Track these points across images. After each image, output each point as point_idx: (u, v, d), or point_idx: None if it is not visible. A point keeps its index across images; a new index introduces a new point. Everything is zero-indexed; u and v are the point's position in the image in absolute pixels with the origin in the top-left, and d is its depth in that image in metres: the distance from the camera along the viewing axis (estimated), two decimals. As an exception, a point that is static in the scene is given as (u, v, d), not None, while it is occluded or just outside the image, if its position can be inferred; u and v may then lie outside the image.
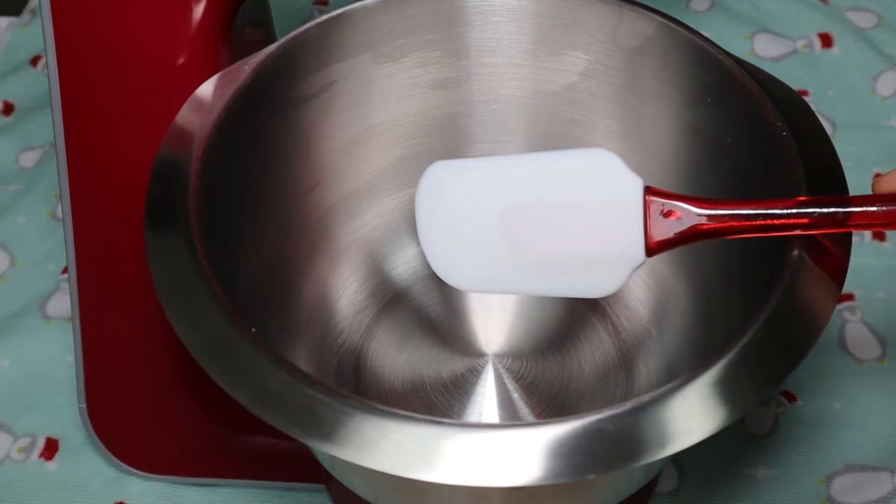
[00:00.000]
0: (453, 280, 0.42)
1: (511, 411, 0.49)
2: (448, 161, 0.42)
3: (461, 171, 0.41)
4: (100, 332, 0.51)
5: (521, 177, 0.40)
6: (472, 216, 0.41)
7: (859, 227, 0.37)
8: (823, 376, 0.57)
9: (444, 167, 0.41)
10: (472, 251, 0.41)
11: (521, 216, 0.40)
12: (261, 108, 0.46)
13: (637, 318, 0.51)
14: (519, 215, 0.40)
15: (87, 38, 0.46)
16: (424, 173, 0.41)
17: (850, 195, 0.39)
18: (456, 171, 0.41)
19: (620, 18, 0.47)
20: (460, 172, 0.41)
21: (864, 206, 0.37)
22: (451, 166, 0.41)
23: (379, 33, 0.48)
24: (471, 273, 0.42)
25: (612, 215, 0.39)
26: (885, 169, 0.66)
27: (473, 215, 0.41)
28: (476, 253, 0.41)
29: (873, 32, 0.74)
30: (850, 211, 0.37)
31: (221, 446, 0.54)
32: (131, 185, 0.47)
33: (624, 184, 0.38)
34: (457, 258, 0.42)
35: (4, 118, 0.72)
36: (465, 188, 0.41)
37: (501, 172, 0.41)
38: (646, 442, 0.34)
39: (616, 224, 0.39)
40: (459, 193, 0.41)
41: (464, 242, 0.41)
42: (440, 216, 0.41)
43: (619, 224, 0.39)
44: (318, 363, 0.49)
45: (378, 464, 0.34)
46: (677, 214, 0.38)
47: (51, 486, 0.55)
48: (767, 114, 0.43)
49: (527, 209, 0.40)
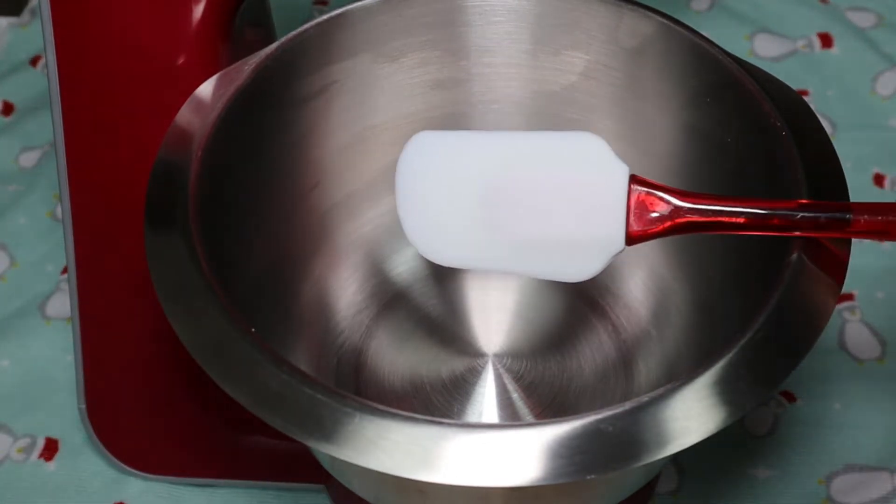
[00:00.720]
0: (430, 253, 0.41)
1: (511, 411, 0.49)
2: (433, 132, 0.41)
3: (446, 143, 0.41)
4: (100, 332, 0.51)
5: (506, 153, 0.40)
6: (454, 189, 0.40)
7: (859, 235, 0.37)
8: (823, 376, 0.57)
9: (429, 137, 0.41)
10: (452, 225, 0.40)
11: (504, 193, 0.39)
12: (261, 108, 0.46)
13: (637, 318, 0.51)
14: (501, 192, 0.39)
15: (86, 38, 0.46)
16: (408, 142, 0.41)
17: (850, 202, 0.39)
18: (441, 143, 0.40)
19: (620, 18, 0.47)
20: (445, 144, 0.40)
21: (865, 214, 0.37)
22: (436, 137, 0.41)
23: (379, 33, 0.48)
24: (449, 247, 0.41)
25: (595, 200, 0.38)
26: (886, 169, 0.66)
27: (456, 189, 0.40)
28: (456, 227, 0.40)
29: (873, 32, 0.74)
30: (849, 217, 0.37)
31: (221, 446, 0.54)
32: (131, 186, 0.47)
33: (610, 169, 0.38)
34: (436, 231, 0.41)
35: (4, 118, 0.72)
36: (449, 160, 0.40)
37: (487, 147, 0.40)
38: (645, 442, 0.34)
39: (599, 209, 0.38)
40: (443, 165, 0.40)
41: (444, 215, 0.40)
42: (421, 188, 0.40)
43: (602, 209, 0.38)
44: (318, 363, 0.49)
45: (378, 464, 0.34)
46: (661, 205, 0.38)
47: (50, 486, 0.55)
48: (767, 114, 0.43)
49: (510, 186, 0.39)
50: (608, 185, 0.38)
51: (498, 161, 0.40)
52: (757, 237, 0.39)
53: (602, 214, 0.38)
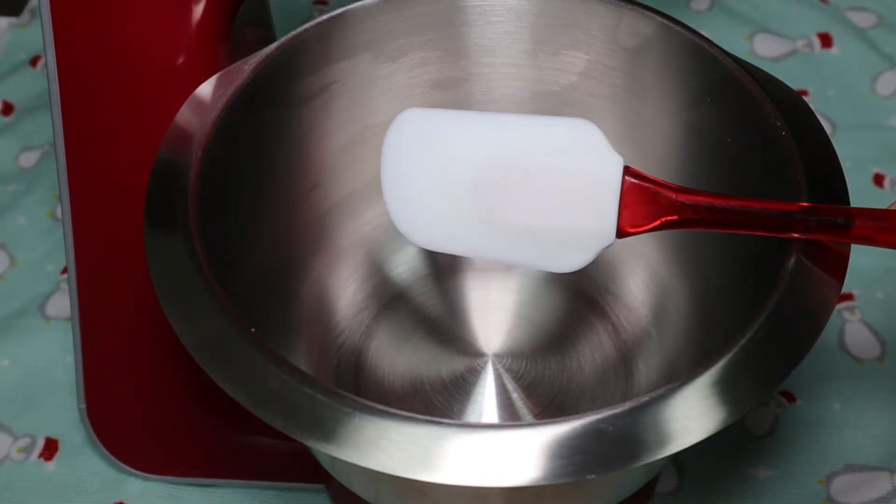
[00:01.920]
0: (415, 236, 0.40)
1: (511, 411, 0.49)
2: (422, 109, 0.40)
3: (436, 122, 0.39)
4: (100, 332, 0.51)
5: (498, 135, 0.39)
6: (443, 170, 0.39)
7: (857, 241, 0.37)
8: (823, 376, 0.57)
9: (419, 115, 0.39)
10: (439, 207, 0.39)
11: (495, 176, 0.38)
12: (261, 108, 0.46)
13: (637, 318, 0.51)
14: (492, 175, 0.38)
15: (86, 38, 0.46)
16: (395, 119, 0.39)
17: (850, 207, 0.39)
18: (431, 121, 0.39)
19: (620, 18, 0.47)
20: (435, 123, 0.39)
21: (867, 220, 0.36)
22: (426, 115, 0.39)
23: (379, 33, 0.48)
24: (435, 230, 0.40)
25: (587, 190, 0.38)
26: (886, 169, 0.66)
27: (444, 170, 0.39)
28: (443, 211, 0.39)
29: (873, 32, 0.74)
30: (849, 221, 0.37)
31: (221, 446, 0.54)
32: (131, 186, 0.47)
33: (604, 160, 0.38)
34: (422, 213, 0.40)
35: (4, 118, 0.72)
36: (438, 140, 0.39)
37: (479, 128, 0.39)
38: (645, 442, 0.34)
39: (591, 199, 0.38)
40: (431, 146, 0.39)
41: (431, 197, 0.39)
42: (408, 167, 0.39)
43: (594, 200, 0.38)
44: (318, 363, 0.49)
45: (378, 464, 0.34)
46: (655, 199, 0.38)
47: (50, 486, 0.55)
48: (767, 114, 0.43)
49: (501, 169, 0.38)
50: (602, 175, 0.38)
51: (489, 143, 0.39)
52: (757, 237, 0.39)
53: (594, 205, 0.38)
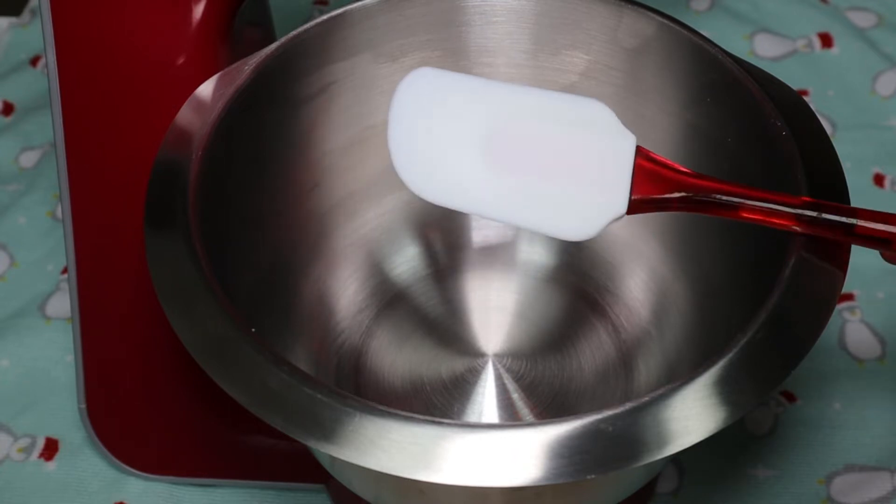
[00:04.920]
0: (419, 188, 0.39)
1: (511, 411, 0.49)
2: (436, 69, 0.39)
3: (451, 80, 0.39)
4: (100, 332, 0.51)
5: (512, 101, 0.39)
6: (454, 123, 0.39)
7: (858, 241, 0.37)
8: (823, 376, 0.57)
9: (433, 73, 0.39)
10: (448, 163, 0.39)
11: (508, 134, 0.38)
12: (261, 108, 0.46)
13: (637, 318, 0.51)
14: (505, 133, 0.38)
15: (86, 39, 0.46)
16: (407, 75, 0.39)
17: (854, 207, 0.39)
18: (445, 79, 0.39)
19: (620, 18, 0.47)
20: (450, 81, 0.39)
21: (869, 220, 0.37)
22: (441, 74, 0.39)
23: (378, 33, 0.48)
24: (441, 184, 0.39)
25: (601, 162, 0.38)
26: (886, 169, 0.66)
27: (456, 123, 0.39)
28: (452, 165, 0.39)
29: (873, 32, 0.74)
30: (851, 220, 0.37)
31: (221, 446, 0.54)
32: (131, 185, 0.47)
33: (618, 135, 0.38)
34: (428, 165, 0.39)
35: (4, 118, 0.72)
36: (451, 97, 0.39)
37: (495, 91, 0.39)
38: (645, 442, 0.34)
39: (604, 171, 0.38)
40: (444, 101, 0.39)
41: (440, 152, 0.39)
42: (417, 119, 0.39)
43: (607, 172, 0.38)
44: (318, 363, 0.49)
45: (378, 464, 0.34)
46: (665, 178, 0.38)
47: (50, 486, 0.55)
48: (767, 114, 0.43)
49: (515, 129, 0.38)
50: (616, 149, 0.38)
51: (503, 106, 0.39)
52: (757, 237, 0.39)
53: (607, 177, 0.38)
